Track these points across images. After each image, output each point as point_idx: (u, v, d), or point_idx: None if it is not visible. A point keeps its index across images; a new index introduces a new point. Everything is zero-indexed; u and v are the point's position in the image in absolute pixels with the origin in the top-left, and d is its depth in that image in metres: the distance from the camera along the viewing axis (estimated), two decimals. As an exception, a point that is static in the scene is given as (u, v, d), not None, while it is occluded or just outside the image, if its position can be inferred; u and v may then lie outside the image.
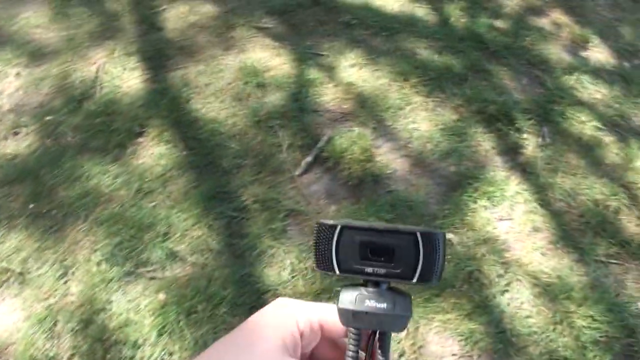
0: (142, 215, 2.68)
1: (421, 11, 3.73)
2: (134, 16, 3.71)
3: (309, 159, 3.07)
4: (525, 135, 3.20)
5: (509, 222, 2.96)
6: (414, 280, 0.59)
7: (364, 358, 0.62)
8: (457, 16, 3.71)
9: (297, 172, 3.02)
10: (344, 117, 3.21)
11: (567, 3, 3.87)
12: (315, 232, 0.63)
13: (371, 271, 0.60)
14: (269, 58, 3.45)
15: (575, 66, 3.52)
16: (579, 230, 2.97)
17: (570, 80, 3.46)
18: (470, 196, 2.80)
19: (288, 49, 3.51)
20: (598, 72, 3.52)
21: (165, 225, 2.63)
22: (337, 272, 0.61)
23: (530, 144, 3.19)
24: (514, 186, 3.01)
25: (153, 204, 2.75)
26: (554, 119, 3.27)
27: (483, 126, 3.21)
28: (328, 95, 3.28)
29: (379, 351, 0.62)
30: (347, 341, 0.61)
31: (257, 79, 3.32)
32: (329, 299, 2.48)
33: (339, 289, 0.60)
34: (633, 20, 3.85)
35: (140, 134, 3.04)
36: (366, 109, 3.24)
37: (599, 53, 3.63)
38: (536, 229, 2.91)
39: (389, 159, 2.94)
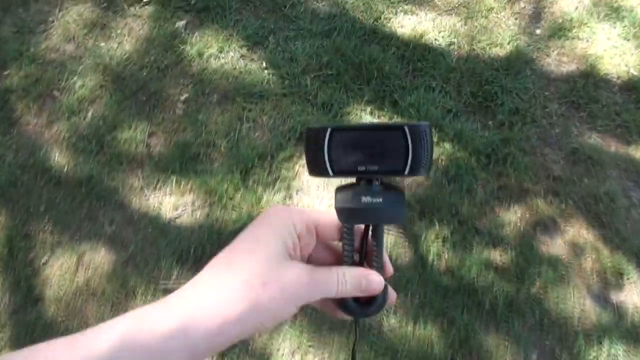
0: None
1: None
2: (7, 279, 2.87)
3: None
4: None
5: None
6: (406, 172, 0.64)
7: (358, 258, 0.71)
8: (437, 251, 2.74)
9: None
10: None
11: (592, 208, 2.87)
12: (305, 138, 0.68)
13: (364, 169, 0.65)
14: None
15: (605, 326, 2.63)
16: None
17: (599, 355, 2.51)
18: None
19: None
20: (638, 335, 2.56)
21: None
22: (331, 174, 0.66)
23: None
24: None
25: None
26: None
27: None
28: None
29: (374, 243, 0.69)
30: (342, 242, 0.68)
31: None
32: None
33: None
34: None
35: None
36: None
37: (637, 295, 2.65)
38: None
39: None
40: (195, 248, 2.96)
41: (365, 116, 3.25)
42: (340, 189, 0.67)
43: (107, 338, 0.57)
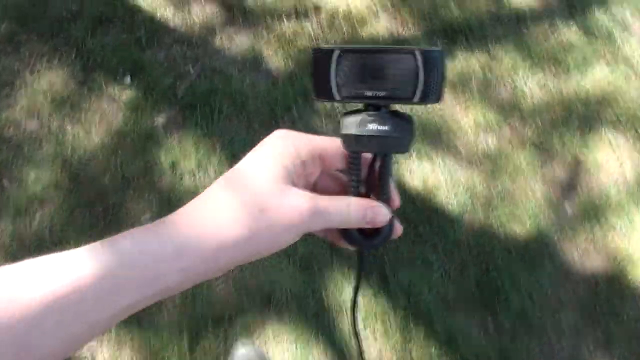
0: None
1: None
2: None
3: None
4: None
5: None
6: (415, 99, 0.60)
7: (365, 189, 0.65)
8: None
9: None
10: None
11: None
12: (312, 59, 0.62)
13: (372, 94, 0.61)
14: None
15: None
16: None
17: None
18: None
19: None
20: None
21: None
22: (338, 98, 0.62)
23: None
24: None
25: None
26: None
27: None
28: None
29: (381, 173, 0.64)
30: (348, 172, 0.63)
31: None
32: None
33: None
34: None
35: None
36: None
37: None
38: None
39: None
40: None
41: (347, 287, 2.75)
42: (346, 115, 0.63)
43: (104, 257, 0.54)
